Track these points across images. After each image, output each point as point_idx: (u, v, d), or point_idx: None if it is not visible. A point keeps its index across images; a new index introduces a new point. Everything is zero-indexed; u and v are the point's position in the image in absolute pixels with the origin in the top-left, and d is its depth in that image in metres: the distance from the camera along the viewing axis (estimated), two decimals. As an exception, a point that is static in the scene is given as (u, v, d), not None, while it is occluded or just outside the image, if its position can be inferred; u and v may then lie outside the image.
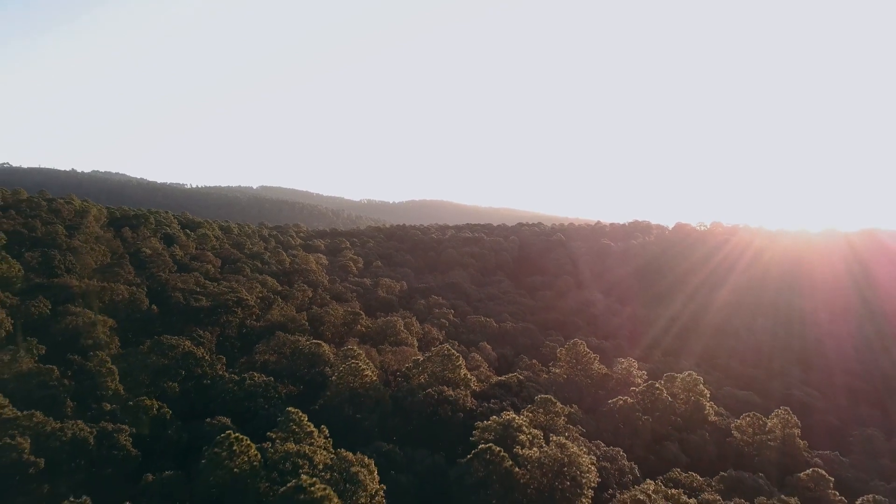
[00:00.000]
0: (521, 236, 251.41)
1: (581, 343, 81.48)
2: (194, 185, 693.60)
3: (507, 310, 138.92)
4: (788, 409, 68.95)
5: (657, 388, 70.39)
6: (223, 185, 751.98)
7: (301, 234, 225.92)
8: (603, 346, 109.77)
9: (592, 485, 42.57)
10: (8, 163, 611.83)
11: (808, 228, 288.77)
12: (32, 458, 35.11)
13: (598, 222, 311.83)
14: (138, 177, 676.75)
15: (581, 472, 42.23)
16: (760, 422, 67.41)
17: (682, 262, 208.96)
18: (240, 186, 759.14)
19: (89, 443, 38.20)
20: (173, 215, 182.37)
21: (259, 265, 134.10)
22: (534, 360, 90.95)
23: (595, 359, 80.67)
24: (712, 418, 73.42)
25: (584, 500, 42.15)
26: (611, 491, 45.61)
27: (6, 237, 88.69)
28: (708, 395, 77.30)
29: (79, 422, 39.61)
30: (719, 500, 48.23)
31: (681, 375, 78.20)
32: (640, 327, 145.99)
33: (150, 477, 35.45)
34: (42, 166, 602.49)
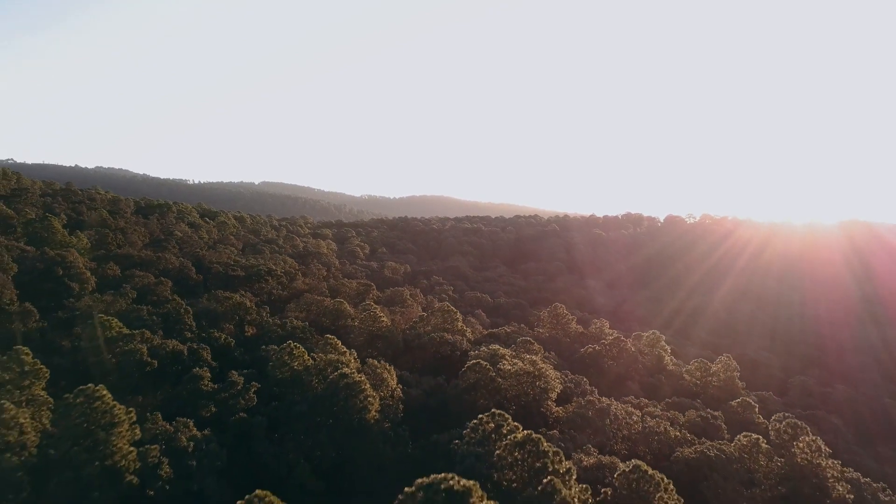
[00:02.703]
0: (517, 227, 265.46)
1: (561, 307, 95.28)
2: (197, 181, 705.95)
3: (501, 289, 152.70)
4: (730, 356, 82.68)
5: (622, 341, 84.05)
6: (225, 180, 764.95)
7: (309, 225, 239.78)
8: (586, 319, 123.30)
9: (556, 391, 56.34)
10: (12, 159, 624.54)
11: (792, 220, 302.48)
12: (149, 359, 48.79)
13: (592, 215, 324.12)
14: (142, 173, 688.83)
15: (547, 381, 55.96)
16: (706, 366, 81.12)
17: (670, 250, 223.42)
18: (242, 182, 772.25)
19: (184, 354, 51.88)
20: (191, 206, 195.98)
21: (276, 248, 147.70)
22: (522, 325, 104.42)
23: (573, 320, 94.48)
24: (670, 367, 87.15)
25: (549, 403, 56.00)
26: (573, 400, 59.28)
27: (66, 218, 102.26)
28: (669, 351, 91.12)
29: (174, 340, 53.36)
30: (659, 412, 62.00)
31: (646, 334, 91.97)
32: (624, 306, 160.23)
33: (234, 373, 49.10)
34: (46, 162, 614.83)
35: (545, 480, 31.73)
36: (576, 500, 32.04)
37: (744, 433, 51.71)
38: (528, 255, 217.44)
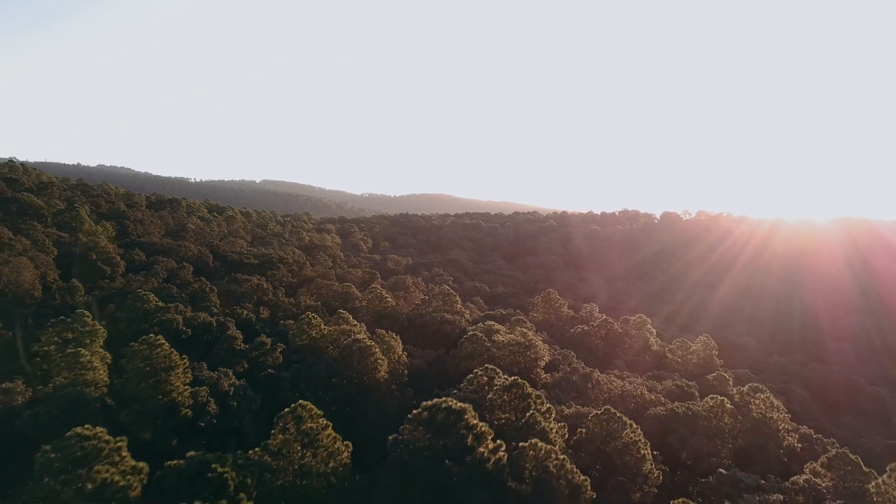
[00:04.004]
0: (516, 223, 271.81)
1: (553, 292, 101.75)
2: (199, 180, 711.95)
3: (500, 281, 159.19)
4: (709, 335, 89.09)
5: (610, 322, 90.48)
6: (227, 178, 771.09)
7: (312, 221, 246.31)
8: (577, 306, 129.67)
9: (545, 359, 62.82)
10: (14, 157, 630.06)
11: (786, 216, 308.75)
12: (183, 328, 55.27)
13: (590, 212, 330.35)
14: (144, 171, 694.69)
15: (537, 351, 62.45)
16: (687, 345, 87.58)
17: (668, 247, 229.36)
18: (243, 180, 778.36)
19: (213, 325, 58.37)
20: (199, 202, 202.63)
21: (282, 241, 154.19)
22: (517, 310, 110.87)
23: (564, 304, 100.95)
24: (655, 348, 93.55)
25: (539, 370, 62.50)
26: (560, 368, 65.78)
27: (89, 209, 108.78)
28: (655, 333, 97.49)
29: (204, 313, 59.83)
30: (640, 381, 68.46)
31: (633, 317, 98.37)
32: (617, 296, 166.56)
33: (263, 336, 55.57)
34: (48, 161, 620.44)
35: (528, 415, 38.20)
36: (553, 431, 38.50)
37: (710, 395, 58.07)
38: (526, 251, 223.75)
